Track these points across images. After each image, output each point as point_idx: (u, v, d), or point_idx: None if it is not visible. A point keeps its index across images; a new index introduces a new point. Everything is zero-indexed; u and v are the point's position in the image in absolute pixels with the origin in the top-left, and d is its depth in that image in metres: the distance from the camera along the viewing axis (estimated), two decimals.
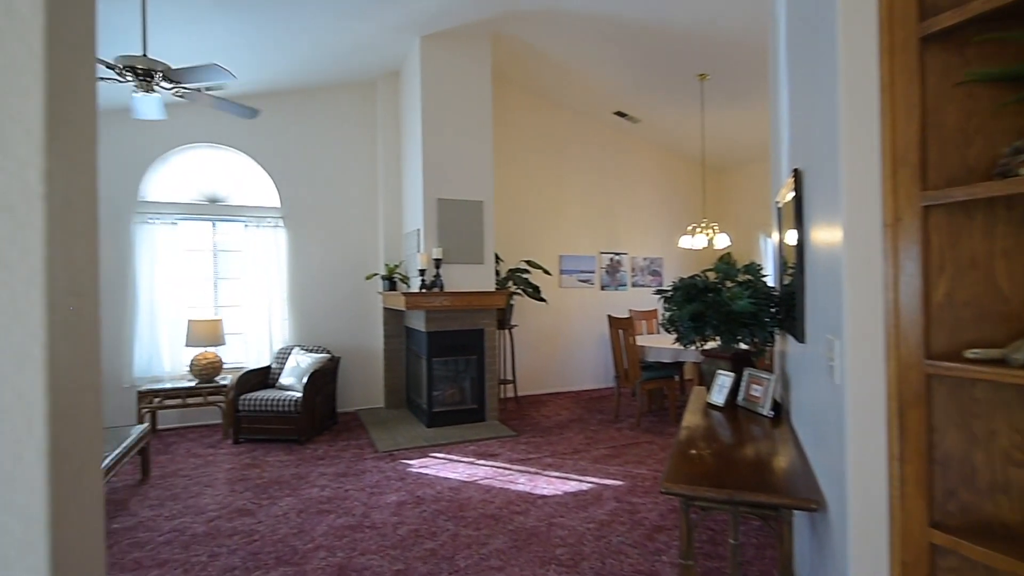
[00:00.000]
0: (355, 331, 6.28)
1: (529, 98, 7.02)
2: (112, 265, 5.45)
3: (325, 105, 6.16)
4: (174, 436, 5.30)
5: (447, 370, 5.54)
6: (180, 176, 5.78)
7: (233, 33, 4.39)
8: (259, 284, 5.87)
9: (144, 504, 3.63)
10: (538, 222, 7.13)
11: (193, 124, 5.66)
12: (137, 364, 5.46)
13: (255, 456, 4.62)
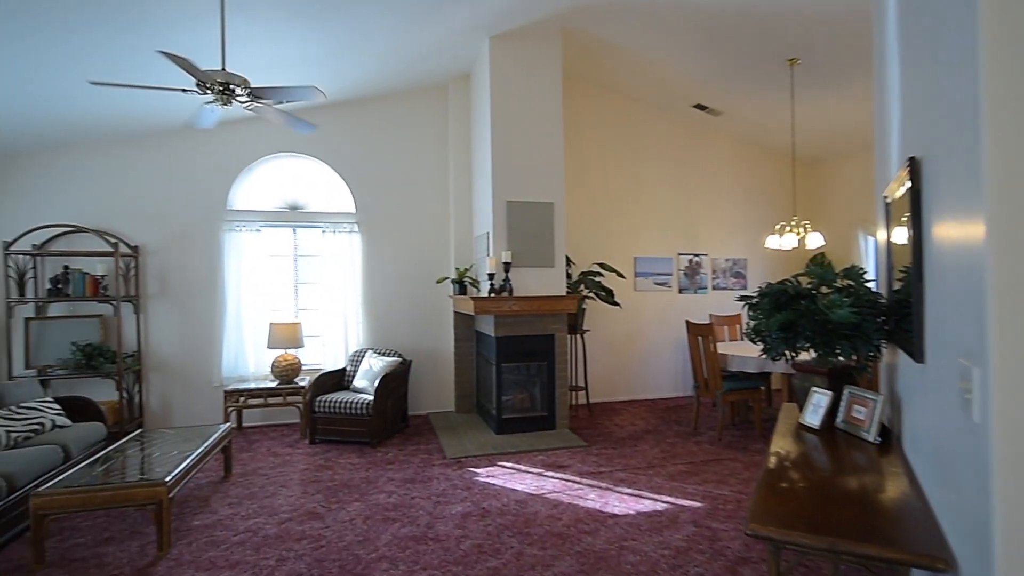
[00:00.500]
0: (426, 334, 6.31)
1: (601, 94, 6.78)
2: (204, 271, 5.78)
3: (398, 111, 6.24)
4: (257, 434, 5.53)
5: (516, 376, 5.42)
6: (264, 185, 6.05)
7: (308, 44, 4.50)
8: (336, 288, 6.03)
9: (224, 502, 3.77)
10: (612, 223, 6.87)
11: (275, 135, 5.90)
12: (225, 364, 5.76)
13: (328, 457, 4.71)
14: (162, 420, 5.69)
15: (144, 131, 5.53)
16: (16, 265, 5.24)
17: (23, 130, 4.94)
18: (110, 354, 5.30)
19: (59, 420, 4.15)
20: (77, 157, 5.51)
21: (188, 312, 5.77)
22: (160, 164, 5.71)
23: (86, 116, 4.93)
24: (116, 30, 3.68)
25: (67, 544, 3.17)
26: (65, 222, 5.38)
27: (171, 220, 5.73)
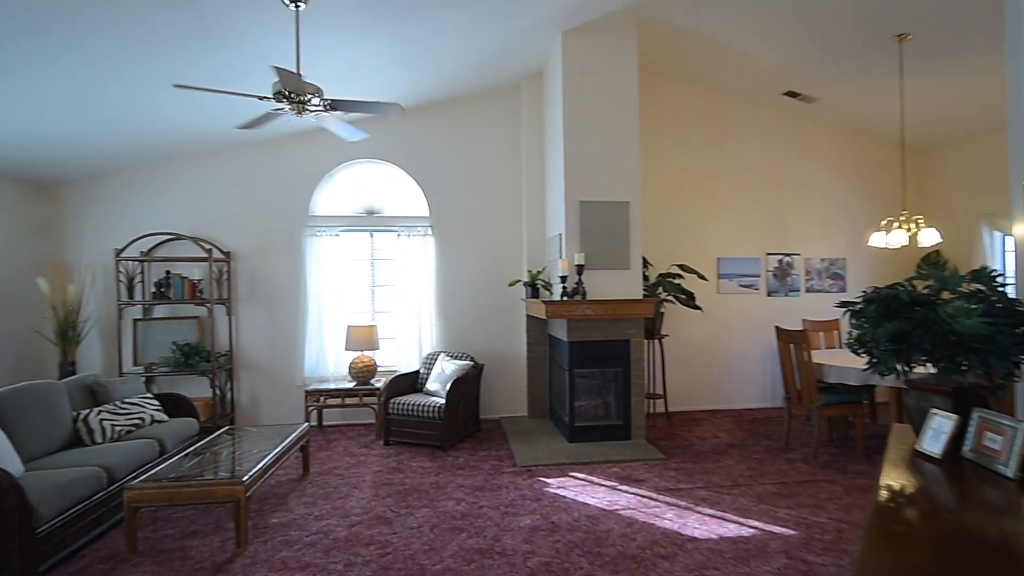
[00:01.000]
0: (499, 338, 6.25)
1: (680, 86, 6.43)
2: (288, 275, 6.04)
3: (471, 113, 6.23)
4: (336, 433, 5.69)
5: (590, 382, 5.22)
6: (343, 191, 6.23)
7: (380, 51, 4.55)
8: (410, 291, 6.10)
9: (301, 500, 3.86)
10: (692, 222, 6.50)
11: (352, 143, 6.04)
12: (307, 365, 5.98)
13: (401, 460, 4.74)
14: (251, 417, 6.00)
15: (236, 143, 5.85)
16: (126, 270, 5.70)
17: (131, 147, 5.37)
18: (205, 353, 5.64)
19: (157, 416, 4.44)
20: (177, 170, 5.93)
21: (274, 314, 6.05)
22: (250, 174, 6.03)
23: (184, 131, 5.28)
24: (204, 53, 3.88)
25: (158, 535, 3.36)
26: (167, 230, 5.80)
27: (259, 226, 6.03)
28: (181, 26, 3.55)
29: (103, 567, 2.98)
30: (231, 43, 3.88)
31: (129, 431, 4.15)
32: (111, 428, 4.03)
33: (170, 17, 3.42)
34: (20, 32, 3.27)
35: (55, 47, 3.49)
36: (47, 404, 3.78)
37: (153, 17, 3.38)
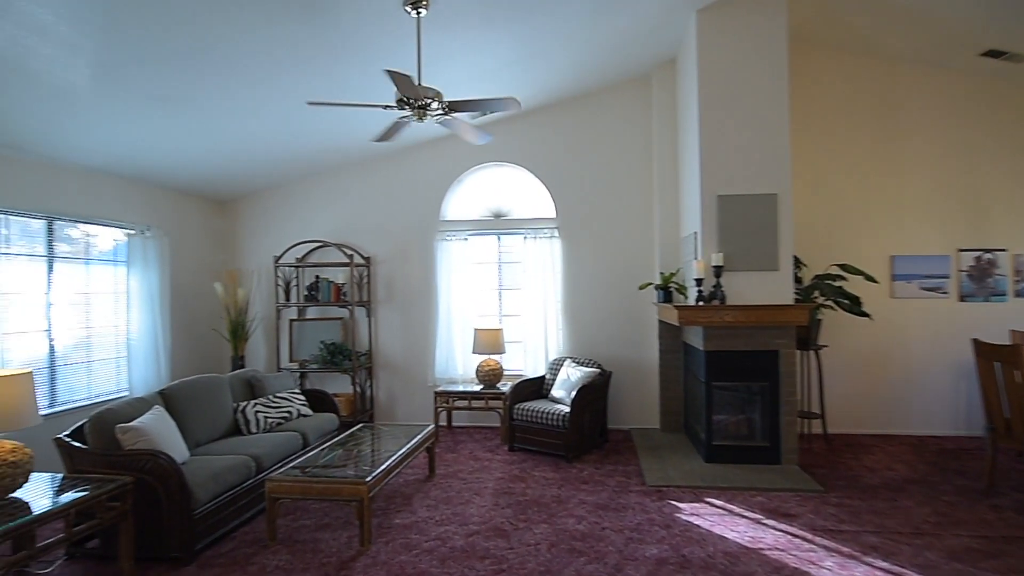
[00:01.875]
0: (628, 344, 5.90)
1: (841, 58, 5.56)
2: (420, 278, 6.26)
3: (596, 108, 5.96)
4: (464, 435, 5.76)
5: (731, 396, 4.69)
6: (470, 195, 6.32)
7: (501, 51, 4.49)
8: (536, 294, 5.99)
9: (424, 503, 3.91)
10: (857, 215, 5.59)
11: (480, 146, 6.10)
12: (437, 366, 6.14)
13: (524, 468, 4.63)
14: (388, 413, 6.31)
15: (374, 155, 6.19)
16: (283, 275, 6.31)
17: (286, 165, 5.91)
18: (348, 352, 6.04)
19: (303, 410, 4.80)
20: (324, 183, 6.43)
21: (408, 316, 6.30)
22: (387, 183, 6.35)
23: (329, 148, 5.68)
24: (340, 74, 4.09)
25: (296, 524, 3.58)
26: (316, 238, 6.31)
27: (395, 232, 6.33)
28: (319, 47, 3.76)
29: (248, 551, 3.22)
30: (359, 58, 4.03)
31: (279, 423, 4.52)
32: (264, 420, 4.43)
33: (307, 39, 3.63)
34: (201, 69, 3.68)
35: (225, 78, 3.89)
36: (212, 396, 4.24)
37: (295, 41, 3.61)
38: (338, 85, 4.35)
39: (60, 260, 4.72)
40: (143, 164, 5.09)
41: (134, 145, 4.67)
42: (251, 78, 3.99)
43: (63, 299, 4.71)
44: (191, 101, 4.14)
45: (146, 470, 3.08)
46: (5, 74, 3.30)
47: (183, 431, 3.78)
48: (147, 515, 3.07)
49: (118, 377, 5.24)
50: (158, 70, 3.63)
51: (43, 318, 4.54)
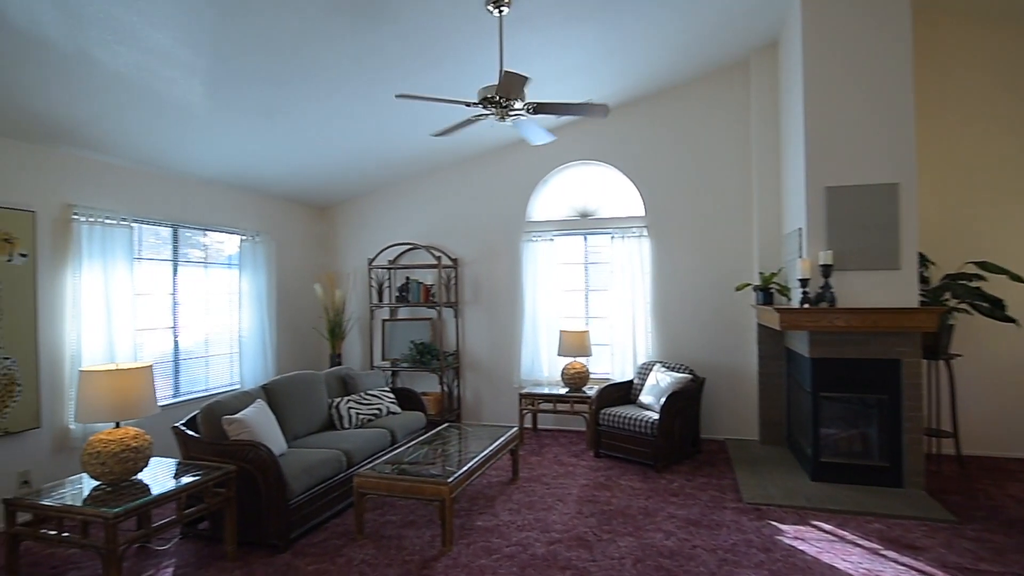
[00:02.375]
0: (723, 349, 5.54)
1: (978, 24, 4.86)
2: (506, 279, 6.27)
3: (688, 100, 5.65)
4: (549, 438, 5.68)
5: (842, 409, 4.25)
6: (557, 195, 6.23)
7: (587, 45, 4.36)
8: (624, 296, 5.79)
9: (506, 506, 3.87)
10: (999, 204, 4.87)
11: (566, 145, 6.01)
12: (523, 368, 6.11)
13: (609, 476, 4.47)
14: (474, 413, 6.37)
15: (461, 157, 6.28)
16: (376, 277, 6.57)
17: (378, 171, 6.15)
18: (436, 352, 6.17)
19: (392, 408, 4.95)
20: (414, 187, 6.62)
21: (494, 317, 6.33)
22: (473, 185, 6.42)
23: (417, 153, 5.83)
24: (425, 71, 4.17)
25: (383, 519, 3.67)
26: (406, 240, 6.50)
27: (481, 234, 6.38)
28: (405, 55, 3.84)
29: (337, 542, 3.35)
30: (444, 62, 4.08)
31: (369, 420, 4.69)
32: (355, 416, 4.61)
33: (394, 48, 3.72)
34: (298, 83, 3.91)
35: (319, 90, 4.09)
36: (309, 391, 4.47)
37: (383, 51, 3.72)
38: (426, 90, 4.43)
39: (183, 264, 5.20)
40: (253, 175, 5.49)
41: (244, 157, 5.05)
42: (343, 89, 4.16)
43: (186, 299, 5.19)
44: (290, 113, 4.39)
45: (248, 459, 3.29)
46: (134, 96, 3.66)
47: (282, 424, 4.01)
48: (248, 502, 3.27)
49: (231, 371, 5.69)
50: (261, 85, 3.88)
51: (169, 316, 5.03)
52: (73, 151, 4.18)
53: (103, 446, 2.84)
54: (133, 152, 4.44)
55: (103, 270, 4.26)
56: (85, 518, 2.58)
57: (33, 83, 3.28)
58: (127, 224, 4.49)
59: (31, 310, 3.85)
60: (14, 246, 3.77)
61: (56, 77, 3.27)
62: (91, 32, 2.95)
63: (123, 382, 2.92)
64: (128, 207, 4.58)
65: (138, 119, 3.97)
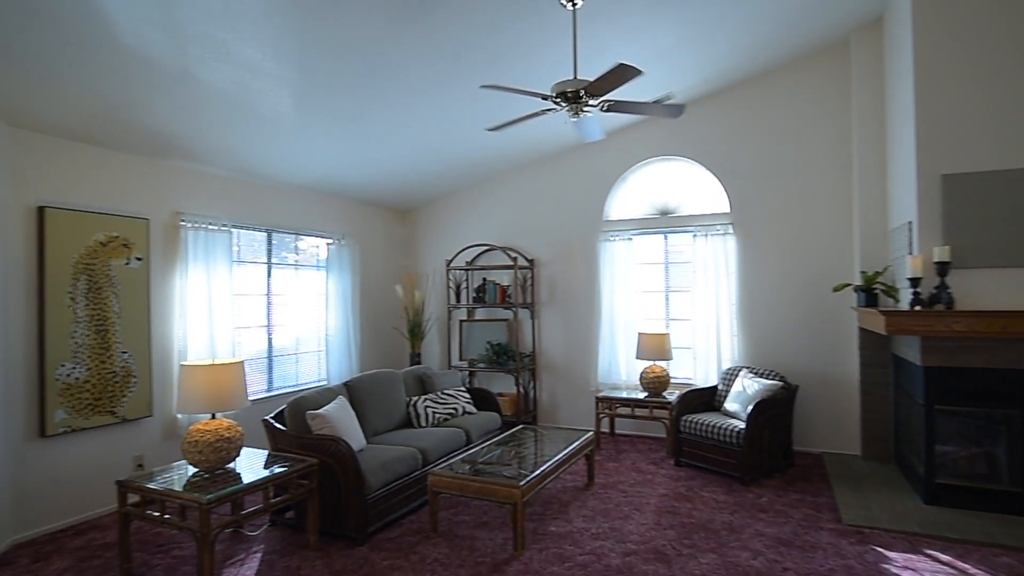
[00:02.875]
0: (819, 355, 5.11)
1: None
2: (583, 280, 6.15)
3: (778, 88, 5.27)
4: (627, 444, 5.51)
5: (961, 424, 3.78)
6: (635, 193, 6.04)
7: (664, 37, 4.17)
8: (707, 297, 5.50)
9: (581, 512, 3.77)
10: None
11: (645, 141, 5.80)
12: (600, 370, 5.96)
13: (691, 486, 4.24)
14: (550, 415, 6.30)
15: (538, 157, 6.25)
16: (454, 278, 6.67)
17: (456, 173, 6.24)
18: (512, 353, 6.16)
19: (468, 407, 4.98)
20: (491, 188, 6.66)
21: (571, 318, 6.23)
22: (550, 184, 6.36)
23: (493, 154, 5.86)
24: (500, 71, 4.16)
25: (457, 519, 3.69)
26: (483, 242, 6.55)
27: (558, 234, 6.31)
28: (480, 55, 3.85)
29: (412, 539, 3.39)
30: (519, 59, 4.05)
31: (445, 419, 4.75)
32: (432, 415, 4.68)
33: (468, 48, 3.74)
34: (377, 89, 4.03)
35: (396, 95, 4.20)
36: (388, 389, 4.59)
37: (457, 53, 3.75)
38: (492, 94, 4.41)
39: (277, 266, 5.53)
40: (338, 181, 5.75)
41: (329, 164, 5.29)
42: (419, 92, 4.24)
43: (279, 300, 5.52)
44: (369, 119, 4.53)
45: (329, 453, 3.41)
46: (230, 109, 3.92)
47: (362, 420, 4.15)
48: (330, 495, 3.39)
49: (319, 368, 5.98)
50: (341, 92, 4.03)
51: (264, 316, 5.36)
52: (180, 163, 4.55)
53: (200, 435, 3.05)
54: (232, 162, 4.77)
55: (206, 272, 4.61)
56: (183, 502, 2.78)
57: (143, 100, 3.60)
58: (227, 229, 4.83)
59: (145, 309, 4.22)
60: (131, 251, 4.16)
61: (162, 94, 3.57)
62: (191, 50, 3.19)
63: (217, 376, 3.12)
64: (228, 213, 4.93)
65: (234, 131, 4.25)
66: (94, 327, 3.89)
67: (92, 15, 2.73)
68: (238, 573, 3.02)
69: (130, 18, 2.81)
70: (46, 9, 2.65)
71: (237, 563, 3.14)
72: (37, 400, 3.60)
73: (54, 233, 3.71)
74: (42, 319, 3.63)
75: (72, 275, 3.79)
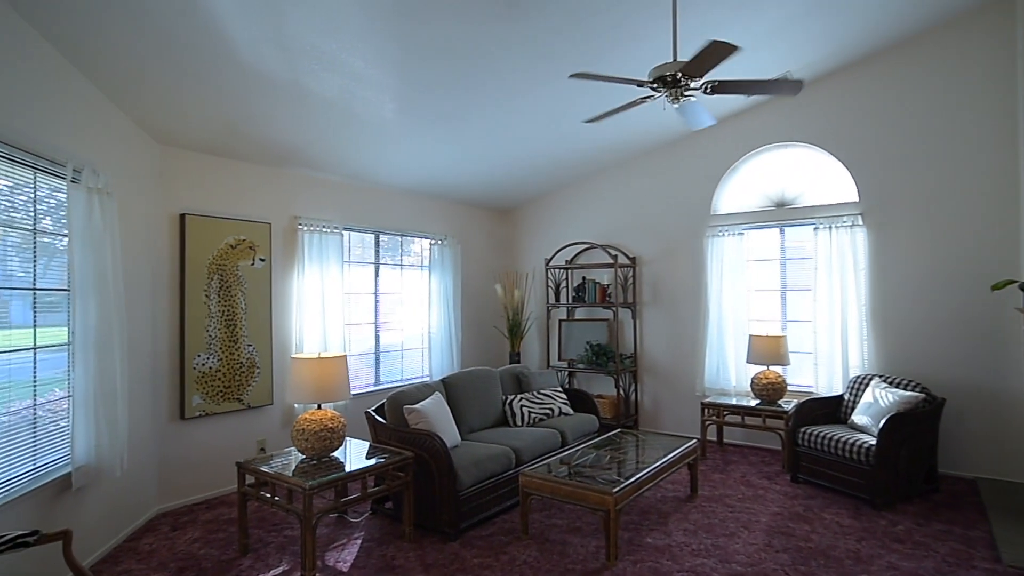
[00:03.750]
0: (973, 363, 4.40)
1: None
2: (688, 278, 5.82)
3: (921, 58, 4.61)
4: (737, 455, 5.11)
5: None
6: (747, 184, 5.60)
7: (780, 5, 3.79)
8: (831, 296, 4.95)
9: (681, 525, 3.53)
10: None
11: (759, 127, 5.36)
12: (707, 375, 5.59)
13: (809, 506, 3.82)
14: (653, 420, 6.02)
15: (638, 152, 6.01)
16: (553, 277, 6.60)
17: (555, 172, 6.16)
18: (612, 354, 5.97)
19: (564, 408, 4.89)
20: (592, 185, 6.51)
21: (675, 319, 5.92)
22: (652, 179, 6.09)
23: (595, 149, 5.71)
24: (597, 62, 4.02)
25: (549, 522, 3.61)
26: (582, 240, 6.42)
27: (661, 231, 6.02)
28: (575, 46, 3.75)
29: (503, 539, 3.37)
30: (614, 51, 3.89)
31: (541, 419, 4.69)
32: (528, 414, 4.65)
33: (561, 40, 3.65)
34: (475, 90, 4.08)
35: (494, 95, 4.22)
36: (485, 387, 4.62)
37: (551, 47, 3.67)
38: (591, 87, 4.27)
39: (383, 266, 5.80)
40: (440, 183, 5.91)
41: (431, 166, 5.45)
42: (517, 90, 4.21)
43: (385, 299, 5.78)
44: (468, 119, 4.58)
45: (424, 447, 3.49)
46: (340, 117, 4.16)
47: (458, 417, 4.21)
48: (424, 488, 3.47)
49: (423, 365, 6.19)
50: (442, 96, 4.10)
51: (371, 313, 5.65)
52: (297, 170, 4.91)
53: (306, 424, 3.24)
54: (342, 168, 5.07)
55: (319, 271, 4.93)
56: (289, 486, 2.97)
57: (262, 114, 3.91)
58: (338, 231, 5.14)
59: (267, 305, 4.60)
60: (256, 252, 4.55)
61: (278, 106, 3.86)
62: (301, 63, 3.40)
63: (323, 369, 3.31)
64: (340, 216, 5.24)
65: (343, 139, 4.51)
66: (224, 322, 4.31)
67: (215, 35, 3.00)
68: (338, 556, 3.18)
69: (248, 35, 3.05)
70: (183, 36, 2.95)
71: (339, 547, 3.30)
72: (178, 386, 4.05)
73: (192, 237, 4.15)
74: (182, 314, 4.08)
75: (207, 275, 4.22)
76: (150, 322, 3.89)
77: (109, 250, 3.13)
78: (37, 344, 2.83)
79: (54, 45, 2.86)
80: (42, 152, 2.80)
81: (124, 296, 3.30)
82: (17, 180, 2.74)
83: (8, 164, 2.65)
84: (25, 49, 2.68)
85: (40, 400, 2.85)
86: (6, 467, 2.57)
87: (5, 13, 2.54)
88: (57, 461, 2.92)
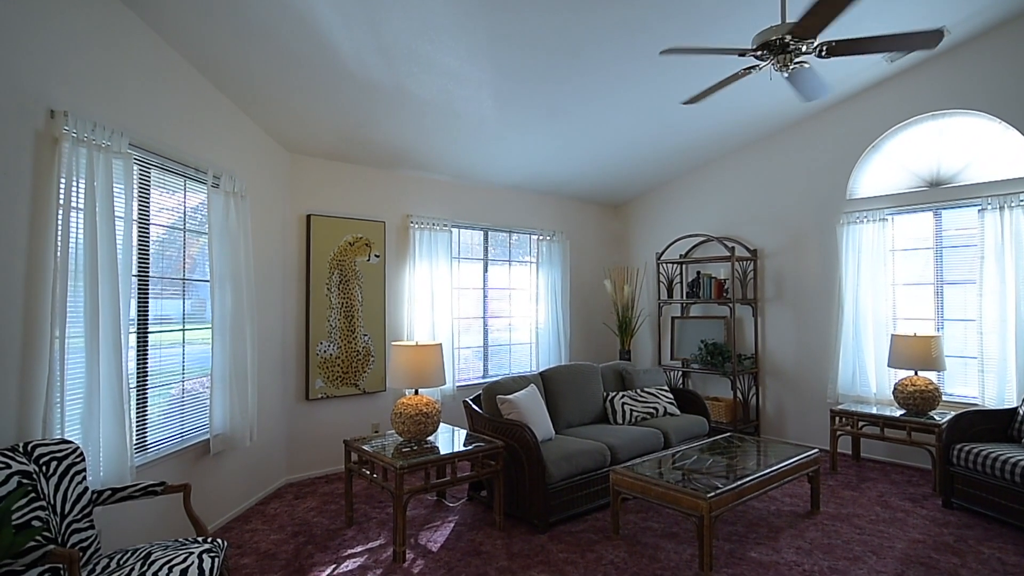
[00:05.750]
0: None
1: None
2: (818, 271, 5.24)
3: None
4: (875, 471, 4.49)
5: None
6: (892, 162, 4.89)
7: None
8: (1003, 291, 4.15)
9: (794, 543, 3.17)
10: None
11: (906, 97, 4.66)
12: (841, 380, 4.97)
13: (962, 536, 3.23)
14: (776, 428, 5.50)
15: (756, 137, 5.52)
16: (665, 272, 6.30)
17: (667, 162, 5.87)
18: (727, 354, 5.55)
19: (670, 408, 4.63)
20: (706, 175, 6.11)
21: (803, 317, 5.35)
22: (774, 165, 5.57)
23: (708, 137, 5.35)
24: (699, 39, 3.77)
25: (644, 525, 3.44)
26: (697, 232, 6.05)
27: (786, 220, 5.48)
28: (678, 28, 3.55)
29: (591, 536, 3.28)
30: (723, 25, 3.60)
31: (644, 418, 4.49)
32: (630, 412, 4.47)
33: (665, 18, 3.47)
34: (577, 81, 4.04)
35: (598, 86, 4.13)
36: (584, 382, 4.54)
37: (653, 25, 3.51)
38: (697, 68, 4.00)
39: (492, 263, 5.94)
40: (547, 178, 5.92)
41: (537, 162, 5.47)
42: (618, 76, 4.06)
43: (494, 294, 5.92)
44: (572, 112, 4.51)
45: (514, 438, 3.51)
46: (442, 116, 4.32)
47: (554, 411, 4.17)
48: (515, 479, 3.48)
49: (530, 359, 6.24)
50: (539, 86, 4.08)
51: (480, 308, 5.81)
52: (408, 171, 5.21)
53: (404, 409, 3.42)
54: (450, 168, 5.27)
55: (429, 267, 5.18)
56: (384, 465, 3.14)
57: (371, 119, 4.20)
58: (447, 229, 5.36)
59: (381, 299, 4.93)
60: (371, 249, 4.90)
61: (384, 111, 4.11)
62: (401, 67, 3.59)
63: (418, 356, 3.46)
64: (449, 214, 5.46)
65: (446, 138, 4.69)
66: (343, 313, 4.69)
67: (325, 47, 3.27)
68: (431, 536, 3.30)
69: (351, 45, 3.29)
70: (302, 52, 3.27)
71: (433, 527, 3.44)
72: (304, 371, 4.49)
73: (316, 236, 4.57)
74: (307, 305, 4.51)
75: (328, 270, 4.63)
76: (280, 312, 4.35)
77: (242, 247, 3.56)
78: (186, 340, 3.31)
79: (197, 68, 3.31)
80: (188, 161, 3.25)
81: (256, 289, 3.73)
82: (170, 186, 3.22)
83: (161, 173, 3.12)
84: (174, 73, 3.13)
85: (190, 381, 3.33)
86: (177, 426, 3.03)
87: (157, 45, 2.99)
88: (198, 428, 3.39)
